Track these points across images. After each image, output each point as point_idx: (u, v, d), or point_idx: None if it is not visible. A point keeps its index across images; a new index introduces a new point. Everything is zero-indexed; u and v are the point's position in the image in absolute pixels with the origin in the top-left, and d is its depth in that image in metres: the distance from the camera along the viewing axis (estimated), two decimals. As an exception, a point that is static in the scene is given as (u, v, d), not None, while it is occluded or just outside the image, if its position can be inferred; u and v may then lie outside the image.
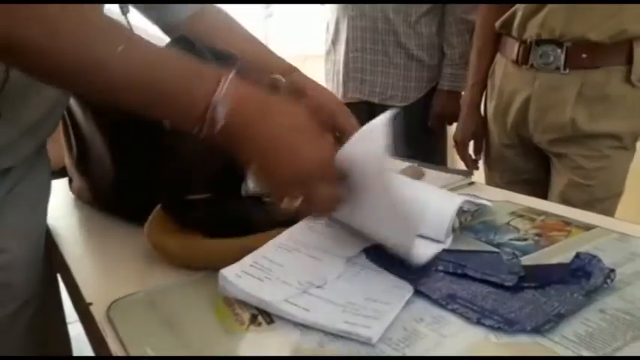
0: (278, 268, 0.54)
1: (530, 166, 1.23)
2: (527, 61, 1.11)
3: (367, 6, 1.50)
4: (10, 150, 0.63)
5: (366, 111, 1.55)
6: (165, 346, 0.46)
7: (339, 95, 1.60)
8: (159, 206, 0.64)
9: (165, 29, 0.82)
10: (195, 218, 0.63)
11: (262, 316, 0.49)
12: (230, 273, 0.52)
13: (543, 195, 1.16)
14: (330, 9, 1.63)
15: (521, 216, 0.71)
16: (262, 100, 0.49)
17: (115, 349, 0.46)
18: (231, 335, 0.47)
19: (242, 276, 0.52)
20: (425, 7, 1.49)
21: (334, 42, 1.64)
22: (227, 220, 0.64)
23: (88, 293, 0.56)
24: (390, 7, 1.48)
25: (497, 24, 1.18)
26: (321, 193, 0.50)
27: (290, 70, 0.79)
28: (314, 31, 2.00)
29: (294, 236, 0.60)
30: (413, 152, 0.96)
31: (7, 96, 0.57)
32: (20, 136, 0.63)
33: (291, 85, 0.75)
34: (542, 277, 0.52)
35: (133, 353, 0.45)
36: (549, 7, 1.06)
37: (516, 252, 0.59)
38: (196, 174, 0.72)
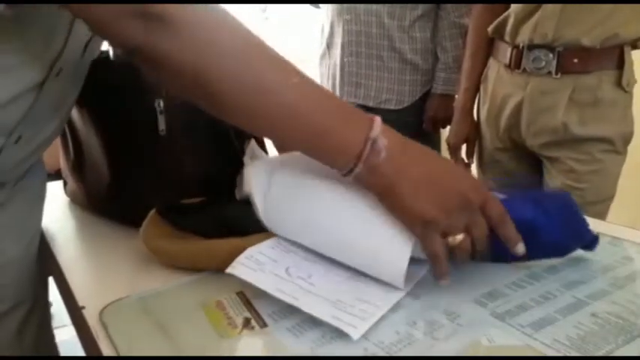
0: (272, 263, 0.54)
1: (522, 170, 1.24)
2: (519, 65, 1.12)
3: (362, 10, 1.51)
4: (15, 167, 0.63)
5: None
6: (158, 350, 0.45)
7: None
8: (153, 210, 0.64)
9: None
10: (190, 222, 0.63)
11: (255, 319, 0.49)
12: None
13: (536, 199, 1.16)
14: (326, 13, 1.64)
15: (513, 219, 0.71)
16: (401, 138, 0.51)
17: (108, 353, 0.46)
18: (225, 339, 0.47)
19: (236, 267, 0.52)
20: (419, 11, 1.49)
21: (329, 46, 1.65)
22: (222, 223, 0.64)
23: (80, 296, 0.55)
24: (384, 11, 1.49)
25: (490, 28, 1.19)
26: (482, 221, 0.49)
27: None
28: (310, 34, 2.01)
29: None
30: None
31: (31, 118, 0.58)
32: (30, 155, 0.63)
33: None
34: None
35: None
36: (542, 11, 1.07)
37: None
38: (191, 178, 0.72)
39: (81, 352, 0.56)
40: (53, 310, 0.86)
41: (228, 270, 0.51)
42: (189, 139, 0.71)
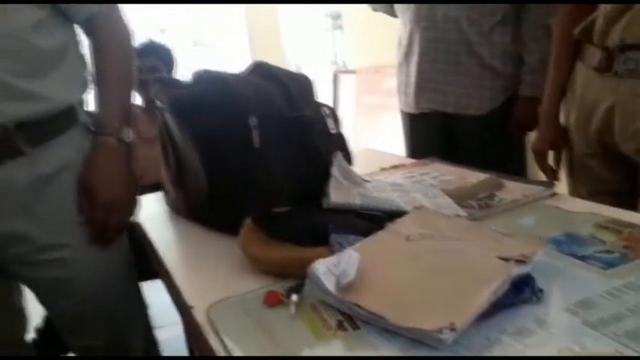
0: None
1: (615, 177, 1.18)
2: (610, 68, 1.08)
3: (439, 17, 1.51)
4: None
5: (440, 121, 1.55)
6: (262, 347, 0.50)
7: (413, 105, 1.60)
8: (248, 219, 0.69)
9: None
10: (281, 230, 0.67)
11: (348, 322, 0.52)
12: (320, 267, 0.55)
13: (631, 207, 1.11)
14: (403, 22, 1.65)
15: (606, 228, 0.69)
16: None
17: (217, 348, 0.50)
18: (320, 339, 0.50)
19: (327, 274, 0.55)
20: (498, 16, 1.47)
21: (407, 54, 1.65)
22: (310, 230, 0.68)
23: (188, 297, 0.61)
24: (463, 17, 1.48)
25: (576, 31, 1.15)
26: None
27: None
28: (384, 43, 2.02)
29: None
30: (490, 163, 0.96)
31: None
32: None
33: None
34: None
35: (233, 351, 0.49)
36: (634, 9, 1.02)
37: (602, 265, 0.59)
38: (282, 188, 0.76)
39: (181, 350, 0.62)
40: (151, 311, 0.94)
41: (320, 277, 0.54)
42: (281, 152, 0.76)
